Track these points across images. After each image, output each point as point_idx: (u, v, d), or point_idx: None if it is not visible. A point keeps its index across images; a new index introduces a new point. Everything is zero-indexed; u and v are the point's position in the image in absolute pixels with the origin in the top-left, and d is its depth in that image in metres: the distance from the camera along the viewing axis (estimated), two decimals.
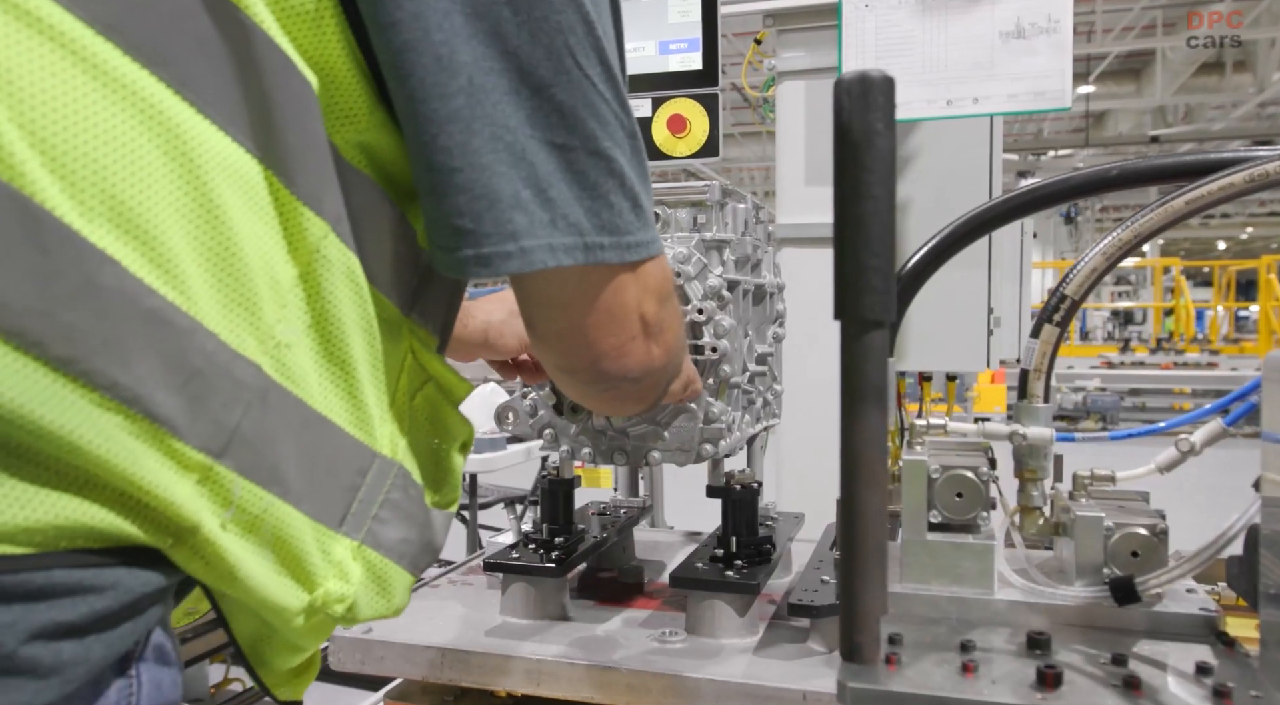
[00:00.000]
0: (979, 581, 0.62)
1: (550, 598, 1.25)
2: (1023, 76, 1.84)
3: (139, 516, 0.52)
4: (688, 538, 1.69)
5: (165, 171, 0.51)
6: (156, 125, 0.51)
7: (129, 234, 0.50)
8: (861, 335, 0.50)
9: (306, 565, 0.61)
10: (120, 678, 0.54)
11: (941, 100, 1.89)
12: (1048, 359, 0.62)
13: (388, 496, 0.67)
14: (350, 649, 1.16)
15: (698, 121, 1.43)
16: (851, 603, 0.49)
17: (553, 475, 1.35)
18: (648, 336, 0.70)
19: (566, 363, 0.72)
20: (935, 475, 0.62)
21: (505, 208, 0.59)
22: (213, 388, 0.54)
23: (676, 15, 1.41)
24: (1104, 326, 17.05)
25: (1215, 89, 12.53)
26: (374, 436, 0.65)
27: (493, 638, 1.17)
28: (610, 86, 0.62)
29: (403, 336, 0.69)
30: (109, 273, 0.49)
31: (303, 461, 0.60)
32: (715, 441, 1.20)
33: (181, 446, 0.53)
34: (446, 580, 1.42)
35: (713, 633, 1.16)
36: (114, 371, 0.49)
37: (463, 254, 0.60)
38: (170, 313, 0.51)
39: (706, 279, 1.19)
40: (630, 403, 0.79)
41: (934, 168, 2.19)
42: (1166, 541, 0.62)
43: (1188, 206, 0.59)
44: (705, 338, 1.17)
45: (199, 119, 0.53)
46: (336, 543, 0.64)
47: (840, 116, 0.50)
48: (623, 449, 1.23)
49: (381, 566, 0.67)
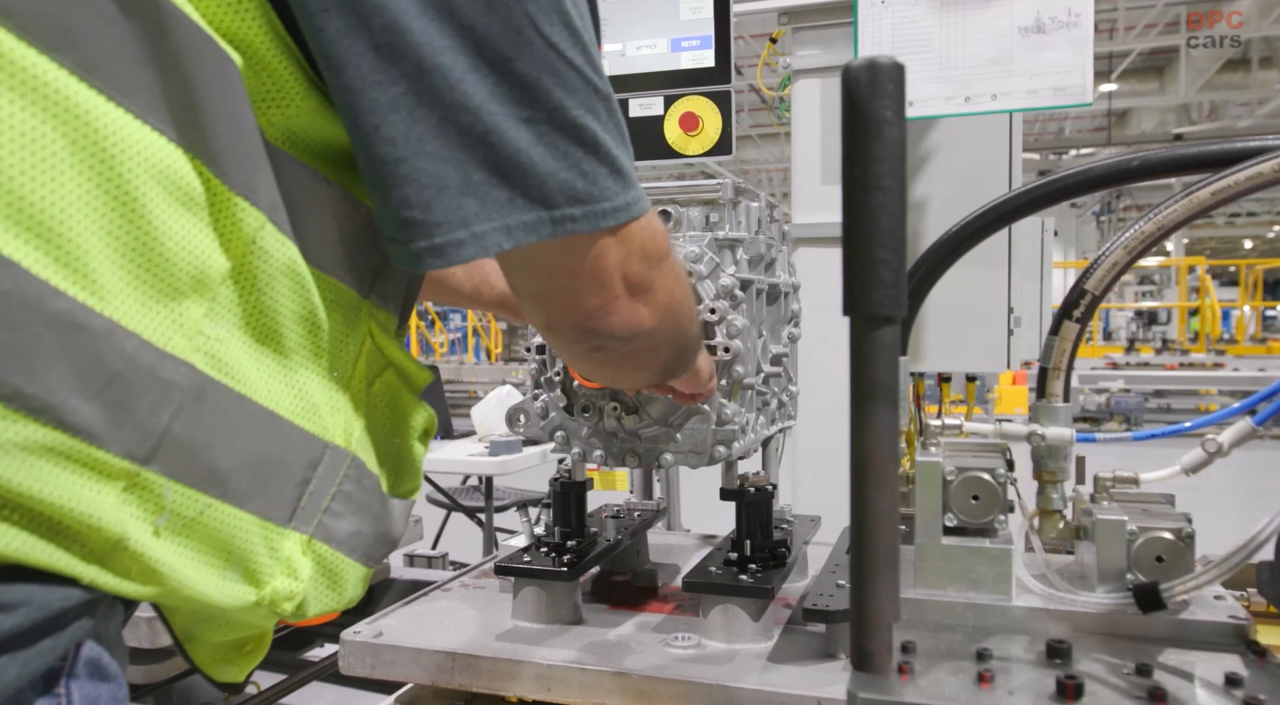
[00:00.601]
0: (996, 587, 0.60)
1: (562, 602, 1.23)
2: (1042, 72, 1.81)
3: (56, 537, 0.50)
4: (703, 541, 1.67)
5: (73, 165, 0.49)
6: (60, 116, 0.48)
7: (31, 233, 0.47)
8: (871, 332, 0.48)
9: (252, 564, 0.60)
10: (45, 696, 0.52)
11: (959, 97, 1.87)
12: (1067, 356, 0.59)
13: (340, 488, 0.65)
14: (359, 652, 1.15)
15: (710, 119, 1.42)
16: (862, 608, 0.47)
17: (565, 478, 1.34)
18: (633, 296, 0.68)
19: (552, 322, 0.70)
20: (950, 477, 0.60)
21: (454, 194, 0.57)
22: (136, 391, 0.51)
23: (688, 12, 1.39)
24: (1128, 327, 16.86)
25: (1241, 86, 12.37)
26: (325, 426, 0.63)
27: (503, 642, 1.15)
28: (578, 50, 0.59)
29: (360, 320, 0.66)
30: (6, 276, 0.46)
31: (247, 458, 0.58)
32: (728, 443, 1.18)
33: (103, 455, 0.50)
34: (459, 584, 1.41)
35: (726, 638, 1.14)
36: (18, 381, 0.47)
37: (415, 246, 0.58)
38: (81, 314, 0.49)
39: (719, 278, 1.18)
40: (626, 368, 0.76)
41: (952, 167, 2.16)
42: (1193, 546, 0.59)
43: (1214, 198, 0.56)
44: (718, 338, 1.15)
45: (111, 107, 0.50)
46: (285, 538, 0.62)
47: (849, 105, 0.49)
48: (635, 451, 1.21)
49: (333, 560, 0.66)
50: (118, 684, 0.57)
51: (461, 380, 10.35)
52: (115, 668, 0.57)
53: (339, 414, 0.64)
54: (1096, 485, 0.63)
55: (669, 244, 0.73)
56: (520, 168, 0.57)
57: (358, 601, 0.70)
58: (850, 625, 0.47)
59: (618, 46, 1.42)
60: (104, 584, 0.52)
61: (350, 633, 1.17)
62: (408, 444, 0.73)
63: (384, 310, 0.69)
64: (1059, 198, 0.65)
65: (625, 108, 1.40)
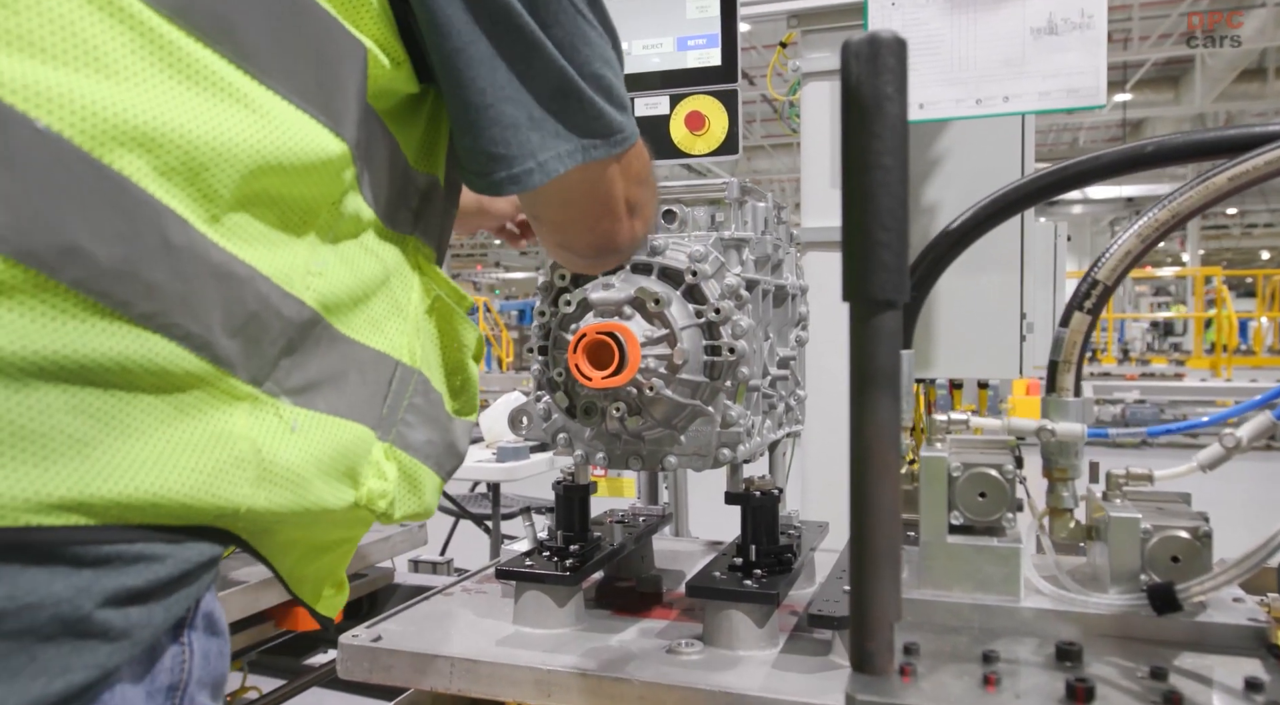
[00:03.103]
0: (1004, 587, 0.57)
1: (564, 606, 1.21)
2: (1055, 74, 1.79)
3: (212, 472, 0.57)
4: (709, 547, 1.65)
5: (236, 134, 0.56)
6: (224, 97, 0.57)
7: (201, 195, 0.55)
8: (871, 316, 0.46)
9: (352, 466, 0.69)
10: (174, 644, 0.59)
11: (970, 99, 1.85)
12: (1078, 349, 0.57)
13: (411, 401, 0.75)
14: (358, 657, 1.13)
15: (717, 119, 1.40)
16: (862, 607, 0.45)
17: (568, 481, 1.32)
18: (632, 216, 0.84)
19: (567, 243, 0.86)
20: (956, 473, 0.58)
21: (525, 130, 0.70)
22: (264, 326, 0.60)
23: (695, 11, 1.38)
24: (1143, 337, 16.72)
25: (1257, 96, 12.28)
26: (395, 346, 0.74)
27: (504, 647, 1.14)
28: (596, 11, 0.73)
29: (409, 253, 0.78)
30: (182, 233, 0.54)
31: (337, 374, 0.68)
32: (733, 446, 1.16)
33: (236, 382, 0.59)
34: (460, 588, 1.39)
35: (730, 644, 1.12)
36: (187, 322, 0.55)
37: (498, 176, 0.71)
38: (233, 264, 0.57)
39: (724, 278, 1.16)
40: (613, 262, 0.96)
41: (963, 170, 2.14)
42: (1210, 545, 0.57)
43: (1231, 184, 0.54)
44: (723, 338, 1.13)
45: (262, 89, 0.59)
46: (373, 445, 0.71)
47: (848, 81, 0.47)
48: (638, 453, 1.20)
49: (411, 466, 0.76)
50: (224, 639, 0.64)
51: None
52: (224, 623, 0.65)
53: (404, 336, 0.75)
54: (1109, 483, 0.61)
55: (647, 155, 0.87)
56: (562, 107, 0.70)
57: (432, 512, 0.80)
58: (850, 625, 0.45)
59: (624, 45, 1.40)
60: (258, 503, 0.60)
61: (349, 637, 1.15)
62: (463, 361, 0.84)
63: (427, 245, 0.81)
64: (1071, 185, 0.63)
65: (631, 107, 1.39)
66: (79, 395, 0.51)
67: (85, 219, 0.50)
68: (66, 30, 0.50)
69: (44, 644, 0.50)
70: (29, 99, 0.48)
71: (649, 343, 1.10)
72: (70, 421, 0.51)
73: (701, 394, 1.14)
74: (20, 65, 0.49)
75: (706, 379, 1.14)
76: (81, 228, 0.50)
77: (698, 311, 1.14)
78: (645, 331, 1.10)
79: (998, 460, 0.59)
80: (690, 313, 1.13)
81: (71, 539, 0.51)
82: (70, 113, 0.50)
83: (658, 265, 1.16)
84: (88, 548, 0.52)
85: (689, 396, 1.13)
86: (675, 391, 1.11)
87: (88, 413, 0.52)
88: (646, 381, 1.09)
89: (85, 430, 0.52)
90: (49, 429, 0.50)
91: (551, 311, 1.19)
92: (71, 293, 0.50)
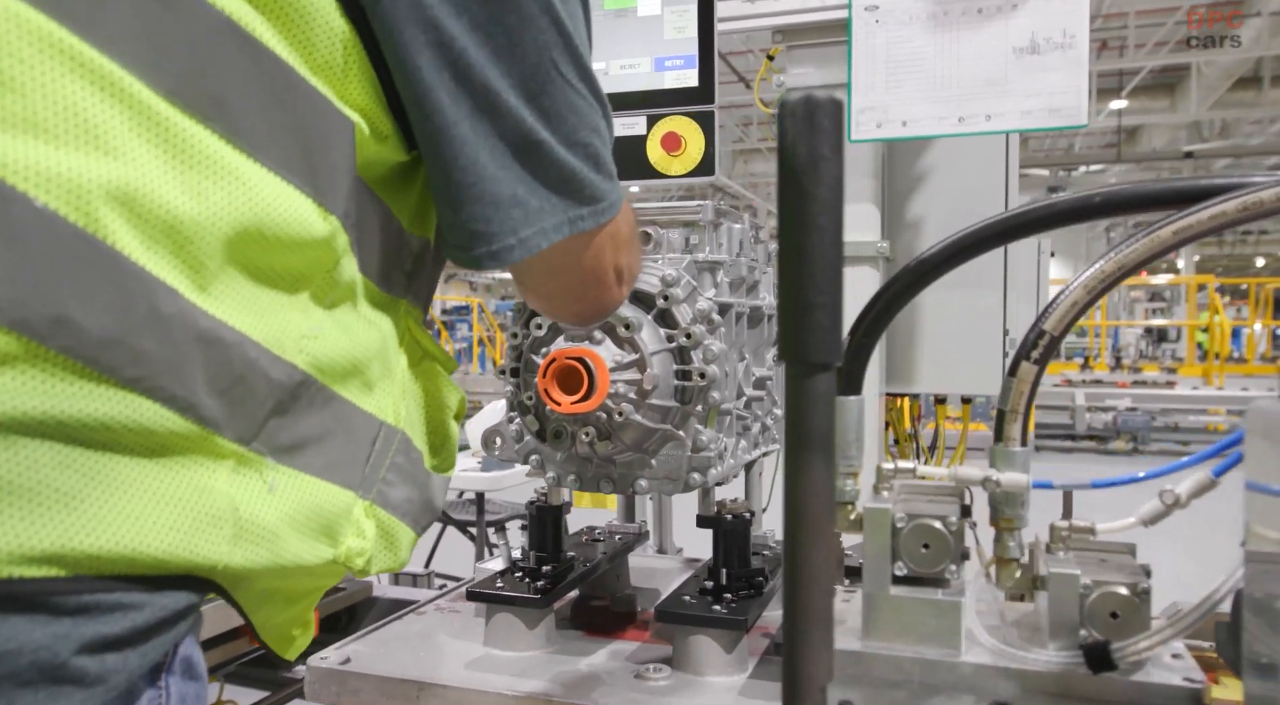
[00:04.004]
0: (945, 641, 0.57)
1: (535, 628, 1.21)
2: (1037, 93, 1.79)
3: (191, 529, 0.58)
4: (687, 564, 1.65)
5: (218, 211, 0.58)
6: (215, 173, 0.58)
7: (187, 265, 0.57)
8: (805, 378, 0.46)
9: (332, 525, 0.70)
10: (150, 688, 0.60)
11: (953, 117, 1.85)
12: (1025, 399, 0.57)
13: (393, 460, 0.77)
14: (325, 680, 1.13)
15: (693, 140, 1.40)
16: (793, 669, 0.45)
17: (541, 501, 1.32)
18: (619, 283, 0.84)
19: (553, 311, 0.90)
20: (901, 524, 0.57)
21: (506, 207, 0.70)
22: (251, 388, 0.61)
23: (672, 32, 1.38)
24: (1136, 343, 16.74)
25: (1252, 104, 12.30)
26: (381, 407, 0.75)
27: (472, 671, 1.13)
28: (585, 81, 0.72)
29: (400, 317, 0.80)
30: (169, 300, 0.56)
31: (326, 436, 0.69)
32: (704, 470, 1.16)
33: (220, 440, 0.60)
34: (434, 607, 1.39)
35: (698, 669, 1.12)
36: (173, 386, 0.56)
37: (477, 252, 0.71)
38: (220, 329, 0.59)
39: (696, 302, 1.16)
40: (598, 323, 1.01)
41: (948, 187, 2.14)
42: (1149, 601, 0.56)
43: (1175, 237, 0.54)
44: (694, 363, 1.13)
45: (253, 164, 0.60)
46: (354, 503, 0.73)
47: (784, 140, 0.47)
48: (609, 476, 1.20)
49: (390, 524, 0.77)
50: (202, 684, 0.65)
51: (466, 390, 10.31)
52: (202, 667, 0.66)
53: (390, 397, 0.76)
54: (1052, 534, 0.61)
55: (633, 217, 0.87)
56: (548, 181, 0.70)
57: (406, 564, 0.81)
58: (782, 686, 0.45)
59: (601, 65, 1.40)
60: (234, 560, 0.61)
61: (317, 659, 1.15)
62: (444, 421, 0.86)
63: (416, 307, 0.83)
64: (1020, 234, 0.63)
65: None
66: (66, 452, 0.54)
67: (77, 291, 0.52)
68: (69, 112, 0.53)
69: (22, 689, 0.52)
70: (29, 179, 0.51)
71: (618, 368, 1.10)
72: (57, 477, 0.53)
73: (672, 418, 1.14)
74: (24, 147, 0.51)
75: (677, 403, 1.14)
76: (73, 299, 0.52)
77: (669, 336, 1.14)
78: (615, 356, 1.10)
79: (943, 511, 0.58)
80: (661, 337, 1.13)
81: (52, 589, 0.53)
82: (68, 191, 0.52)
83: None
84: (68, 597, 0.54)
85: (659, 421, 1.13)
86: (645, 416, 1.11)
87: (74, 468, 0.54)
88: (616, 406, 1.09)
89: (71, 485, 0.54)
90: (36, 484, 0.52)
91: (523, 333, 1.19)
92: (61, 358, 0.52)
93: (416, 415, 0.81)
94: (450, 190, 0.69)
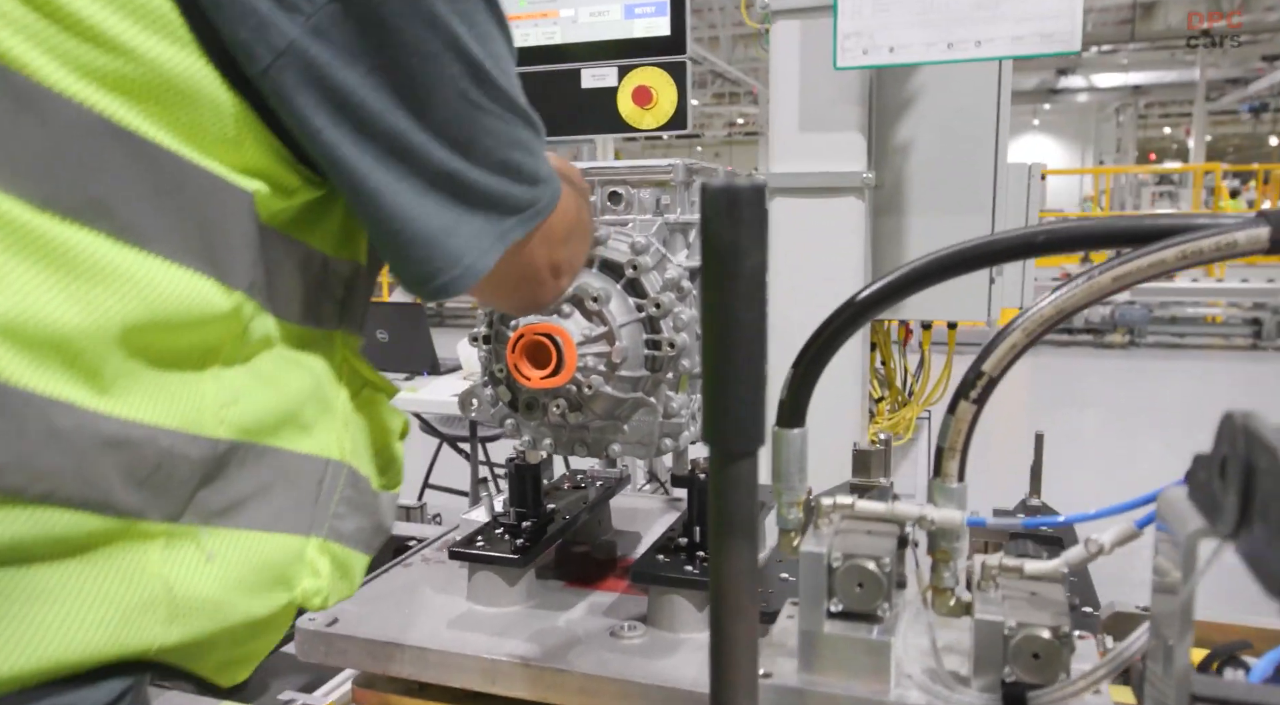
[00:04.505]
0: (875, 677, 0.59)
1: (515, 586, 1.26)
2: (1029, 17, 1.72)
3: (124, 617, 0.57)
4: (668, 504, 1.69)
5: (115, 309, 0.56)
6: (104, 277, 0.56)
7: (81, 374, 0.55)
8: (727, 466, 0.47)
9: (285, 573, 0.70)
10: None
11: (942, 43, 1.78)
12: (963, 437, 0.58)
13: (342, 494, 0.76)
14: (314, 641, 1.17)
15: (665, 92, 1.36)
16: None
17: (519, 460, 1.34)
18: (557, 277, 0.84)
19: (490, 305, 0.96)
20: (836, 563, 0.59)
21: (443, 239, 0.69)
22: (172, 471, 0.60)
23: None
24: None
25: None
26: (325, 446, 0.74)
27: (454, 631, 1.18)
28: (498, 101, 0.69)
29: (336, 349, 0.78)
30: (66, 415, 0.55)
31: (266, 490, 0.68)
32: (675, 435, 1.18)
33: (146, 525, 0.60)
34: (420, 558, 1.43)
35: (671, 626, 1.16)
36: (84, 490, 0.56)
37: (431, 287, 0.70)
38: (127, 429, 0.57)
39: (665, 270, 1.15)
40: None
41: (937, 109, 2.08)
42: (1070, 644, 0.58)
43: (1115, 283, 0.54)
44: (663, 333, 1.13)
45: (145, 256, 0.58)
46: (306, 545, 0.73)
47: (707, 227, 0.46)
48: (584, 440, 1.21)
49: (344, 555, 0.78)
50: None
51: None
52: None
53: (332, 433, 0.76)
54: (983, 572, 0.62)
55: (575, 207, 0.85)
56: (477, 203, 0.70)
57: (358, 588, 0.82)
58: None
59: (570, 12, 1.34)
60: (170, 639, 0.60)
61: (305, 621, 1.19)
62: (390, 445, 0.86)
63: (352, 334, 0.82)
64: (959, 270, 0.63)
65: (577, 79, 1.34)
66: None
67: None
68: None
69: None
70: None
71: (587, 342, 1.10)
72: None
73: (643, 386, 1.15)
74: None
75: (648, 372, 1.14)
76: None
77: (638, 305, 1.13)
78: (583, 330, 1.10)
79: (878, 550, 0.60)
80: (630, 307, 1.13)
81: None
82: None
83: (598, 257, 1.15)
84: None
85: (630, 391, 1.14)
86: (615, 387, 1.12)
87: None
88: (585, 380, 1.10)
89: None
90: None
91: None
92: None
93: (362, 443, 0.80)
94: (384, 238, 0.68)
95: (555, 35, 1.37)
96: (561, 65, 1.35)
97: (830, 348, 0.58)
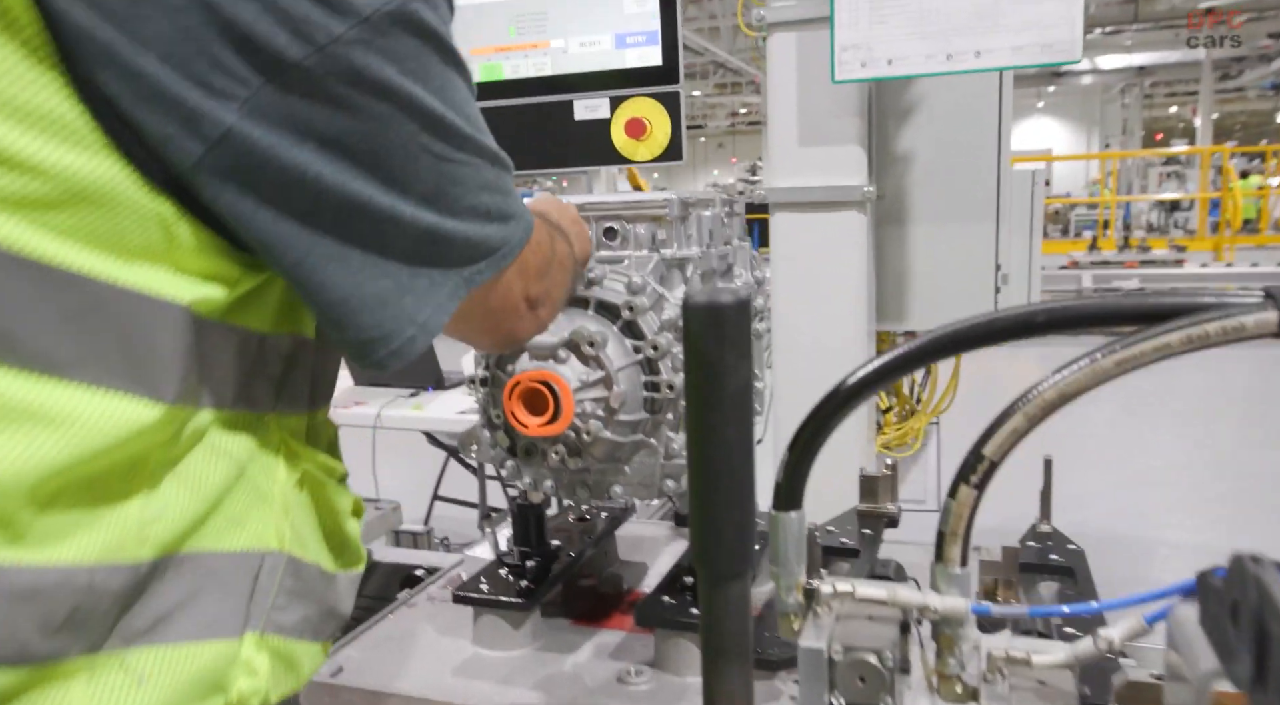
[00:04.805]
0: None
1: (520, 628, 1.24)
2: (1029, 26, 1.69)
3: None
4: (674, 532, 1.67)
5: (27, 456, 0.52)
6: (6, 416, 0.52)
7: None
8: (716, 589, 0.45)
9: (216, 678, 0.64)
10: None
11: (941, 54, 1.76)
12: (965, 522, 0.56)
13: (281, 585, 0.70)
14: (318, 694, 1.16)
15: (659, 123, 1.33)
16: None
17: (522, 499, 1.33)
18: (534, 309, 0.81)
19: (469, 344, 0.88)
20: (837, 656, 0.57)
21: (394, 301, 0.64)
22: (92, 610, 0.56)
23: (633, 5, 1.29)
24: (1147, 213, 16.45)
25: None
26: (259, 537, 0.68)
27: (459, 678, 1.17)
28: (463, 147, 0.65)
29: (271, 432, 0.71)
30: None
31: (194, 599, 0.63)
32: (677, 477, 1.16)
33: (65, 665, 0.56)
34: (425, 596, 1.42)
35: (678, 670, 1.15)
36: None
37: (378, 357, 0.66)
38: (40, 577, 0.53)
39: (662, 311, 1.13)
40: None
41: (939, 115, 2.06)
42: None
43: (1118, 368, 0.52)
44: (662, 375, 1.11)
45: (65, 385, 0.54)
46: (240, 645, 0.67)
47: (689, 340, 0.45)
48: (585, 483, 1.20)
49: (286, 648, 0.71)
50: None
51: None
52: None
53: (268, 521, 0.69)
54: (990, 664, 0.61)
55: (549, 239, 0.83)
56: (435, 253, 0.65)
57: (308, 679, 0.75)
58: None
59: (561, 43, 1.32)
60: None
61: None
62: (340, 527, 0.78)
63: (291, 416, 0.74)
64: (955, 350, 0.61)
65: (570, 110, 1.32)
66: None
67: None
68: None
69: None
70: None
71: (584, 387, 1.08)
72: None
73: (643, 428, 1.14)
74: None
75: (647, 414, 1.13)
76: None
77: (635, 347, 1.12)
78: (580, 375, 1.09)
79: (879, 642, 0.58)
80: (628, 349, 1.11)
81: None
82: None
83: (594, 299, 1.13)
84: None
85: (629, 434, 1.12)
86: (614, 432, 1.10)
87: None
88: (584, 426, 1.08)
89: None
90: None
91: None
92: None
93: (307, 526, 0.74)
94: (329, 312, 0.63)
95: (546, 67, 1.35)
96: (553, 97, 1.33)
97: (823, 432, 0.56)
